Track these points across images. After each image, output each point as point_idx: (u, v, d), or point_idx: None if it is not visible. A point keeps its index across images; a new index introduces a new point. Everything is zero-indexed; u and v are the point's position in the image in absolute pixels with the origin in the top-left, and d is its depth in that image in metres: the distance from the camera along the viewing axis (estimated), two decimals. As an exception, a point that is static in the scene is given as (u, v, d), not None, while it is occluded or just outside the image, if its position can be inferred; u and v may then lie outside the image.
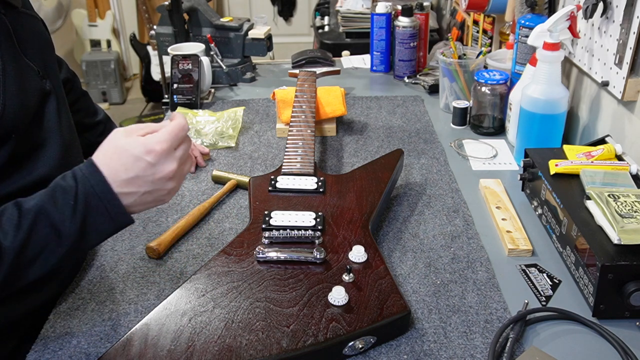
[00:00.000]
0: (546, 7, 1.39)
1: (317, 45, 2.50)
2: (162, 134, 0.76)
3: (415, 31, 1.73)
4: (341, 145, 1.41)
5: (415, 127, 1.49)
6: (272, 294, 0.84)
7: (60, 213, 0.74)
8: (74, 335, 0.86)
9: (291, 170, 1.13)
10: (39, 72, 0.96)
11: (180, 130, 0.78)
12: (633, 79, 1.10)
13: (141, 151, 0.75)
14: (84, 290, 0.94)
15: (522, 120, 1.25)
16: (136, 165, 0.75)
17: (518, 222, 1.07)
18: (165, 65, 1.77)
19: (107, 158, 0.76)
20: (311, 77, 1.48)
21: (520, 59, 1.40)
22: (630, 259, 0.82)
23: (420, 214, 1.12)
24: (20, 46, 0.94)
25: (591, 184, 0.98)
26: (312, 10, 3.14)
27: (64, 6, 3.90)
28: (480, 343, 0.83)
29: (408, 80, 1.78)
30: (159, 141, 0.75)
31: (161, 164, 0.76)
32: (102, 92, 4.23)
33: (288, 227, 0.96)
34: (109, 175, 0.75)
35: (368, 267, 0.89)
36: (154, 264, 1.00)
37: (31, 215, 0.73)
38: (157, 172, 0.76)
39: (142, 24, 4.27)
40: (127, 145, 0.75)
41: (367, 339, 0.80)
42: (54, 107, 0.98)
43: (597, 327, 0.84)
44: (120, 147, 0.75)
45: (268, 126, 1.51)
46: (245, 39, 1.78)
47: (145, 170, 0.75)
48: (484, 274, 0.96)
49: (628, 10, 1.09)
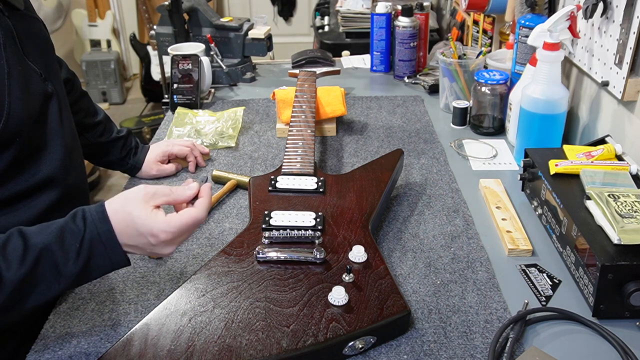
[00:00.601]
0: (546, 7, 1.39)
1: (317, 45, 2.50)
2: (172, 224, 0.78)
3: (415, 31, 1.73)
4: (341, 145, 1.41)
5: (415, 127, 1.49)
6: (272, 294, 0.84)
7: (65, 254, 0.75)
8: (74, 335, 0.86)
9: (291, 170, 1.13)
10: (41, 75, 0.96)
11: (192, 225, 0.80)
12: (633, 79, 1.10)
13: (147, 232, 0.78)
14: (84, 290, 0.94)
15: (522, 120, 1.25)
16: (138, 239, 0.78)
17: (518, 222, 1.07)
18: (165, 65, 1.77)
19: (118, 216, 0.78)
20: (311, 77, 1.48)
21: (520, 59, 1.40)
22: (630, 259, 0.82)
23: (420, 214, 1.12)
24: (23, 49, 0.94)
25: (591, 184, 0.98)
26: (312, 10, 3.14)
27: (64, 6, 3.90)
28: (480, 343, 0.83)
29: (408, 80, 1.78)
30: (166, 231, 0.78)
31: (160, 248, 0.80)
32: (102, 92, 4.23)
33: (288, 227, 0.96)
34: (116, 229, 0.78)
35: (368, 267, 0.89)
36: (154, 264, 1.00)
37: (36, 252, 0.74)
38: (154, 249, 0.80)
39: (142, 24, 4.27)
40: (136, 218, 0.77)
41: (367, 339, 0.80)
42: (56, 109, 0.99)
43: (597, 327, 0.84)
44: (132, 216, 0.78)
45: (268, 126, 1.51)
46: (245, 39, 1.78)
47: (145, 246, 0.79)
48: (484, 274, 0.96)
49: (628, 10, 1.09)
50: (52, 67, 1.03)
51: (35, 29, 1.01)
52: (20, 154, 0.90)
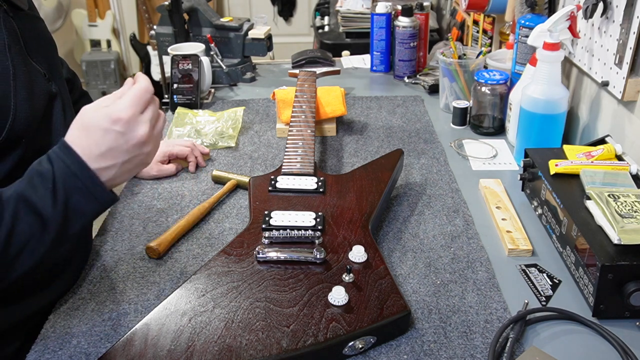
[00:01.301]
0: (546, 7, 1.39)
1: (317, 45, 2.50)
2: (125, 101, 0.75)
3: (415, 31, 1.73)
4: (341, 145, 1.41)
5: (415, 127, 1.49)
6: (272, 294, 0.84)
7: (41, 198, 0.72)
8: (74, 335, 0.86)
9: (291, 170, 1.13)
10: (45, 75, 0.96)
11: (143, 93, 0.76)
12: (633, 79, 1.10)
13: (108, 122, 0.73)
14: (84, 290, 0.94)
15: (522, 120, 1.25)
16: (106, 138, 0.74)
17: (518, 222, 1.07)
18: (165, 65, 1.77)
19: (78, 136, 0.75)
20: (311, 77, 1.48)
21: (520, 59, 1.40)
22: (630, 259, 0.82)
23: (420, 214, 1.12)
24: (27, 49, 0.94)
25: (591, 184, 0.98)
26: (312, 10, 3.14)
27: (64, 6, 3.90)
28: (480, 343, 0.83)
29: (408, 80, 1.78)
30: (124, 108, 0.74)
31: (131, 131, 0.75)
32: (102, 92, 4.23)
33: (288, 227, 0.96)
34: (83, 153, 0.74)
35: (368, 267, 0.89)
36: (154, 264, 1.01)
37: (12, 203, 0.72)
38: (129, 140, 0.75)
39: (142, 24, 4.27)
40: (93, 119, 0.74)
41: (367, 339, 0.80)
42: (60, 109, 0.99)
43: (597, 327, 0.84)
44: (88, 122, 0.74)
45: (268, 126, 1.51)
46: (245, 39, 1.78)
47: (117, 140, 0.74)
48: (484, 274, 0.96)
49: (628, 10, 1.09)
50: (56, 67, 1.03)
51: (38, 29, 1.00)
52: (26, 155, 0.90)
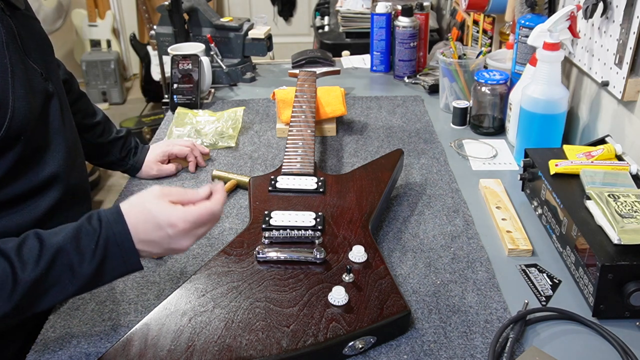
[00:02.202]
0: (546, 7, 1.39)
1: (317, 45, 2.49)
2: (190, 214, 0.78)
3: (415, 31, 1.73)
4: (341, 145, 1.41)
5: (415, 127, 1.49)
6: (272, 294, 0.84)
7: (80, 255, 0.76)
8: (74, 335, 0.86)
9: (291, 170, 1.13)
10: (42, 74, 0.97)
11: (210, 216, 0.80)
12: (633, 79, 1.10)
13: (165, 222, 0.77)
14: (84, 290, 0.94)
15: (522, 120, 1.25)
16: (156, 233, 0.78)
17: (518, 222, 1.07)
18: (165, 65, 1.77)
19: (133, 214, 0.78)
20: (311, 77, 1.48)
21: (520, 59, 1.40)
22: (630, 259, 0.82)
23: (420, 214, 1.12)
24: (24, 48, 0.94)
25: (591, 184, 0.98)
26: (312, 10, 3.13)
27: (64, 6, 3.90)
28: (480, 343, 0.83)
29: (408, 80, 1.78)
30: (184, 220, 0.78)
31: (178, 240, 0.79)
32: (102, 92, 4.23)
33: (288, 227, 0.96)
34: (132, 229, 0.78)
35: (368, 267, 0.89)
36: (154, 264, 1.00)
37: (52, 252, 0.75)
38: (172, 244, 0.79)
39: (142, 24, 4.27)
40: (154, 210, 0.78)
41: (367, 339, 0.80)
42: (58, 108, 0.99)
43: (597, 327, 0.84)
44: (148, 210, 0.78)
45: (268, 126, 1.51)
46: (245, 39, 1.78)
47: (163, 239, 0.79)
48: (484, 274, 0.96)
49: (628, 10, 1.09)
50: (52, 67, 1.03)
51: (35, 29, 1.01)
52: (24, 153, 0.91)
